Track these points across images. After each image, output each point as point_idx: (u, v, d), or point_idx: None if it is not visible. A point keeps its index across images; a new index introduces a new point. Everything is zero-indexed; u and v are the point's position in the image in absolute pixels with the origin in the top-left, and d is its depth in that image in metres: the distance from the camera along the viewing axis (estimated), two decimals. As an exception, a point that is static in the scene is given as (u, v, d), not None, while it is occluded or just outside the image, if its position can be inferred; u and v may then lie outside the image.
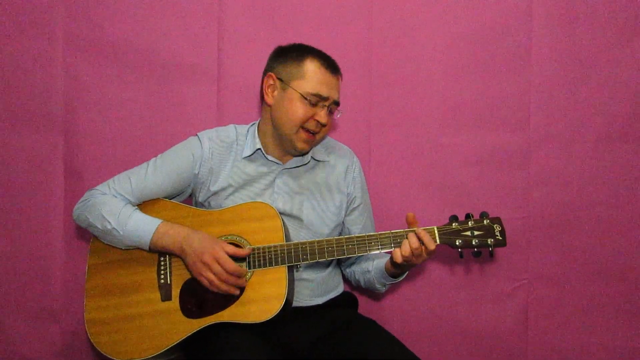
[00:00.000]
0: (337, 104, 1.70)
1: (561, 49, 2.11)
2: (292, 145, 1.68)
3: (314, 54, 1.68)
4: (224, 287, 1.54)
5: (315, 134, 1.67)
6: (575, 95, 2.12)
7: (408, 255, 1.55)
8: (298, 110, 1.64)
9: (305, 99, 1.63)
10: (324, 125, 1.66)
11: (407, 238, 1.56)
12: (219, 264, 1.52)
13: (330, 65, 1.68)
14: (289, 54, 1.69)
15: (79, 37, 2.09)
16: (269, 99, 1.70)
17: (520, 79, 2.12)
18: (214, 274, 1.53)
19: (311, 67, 1.65)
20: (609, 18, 2.09)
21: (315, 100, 1.63)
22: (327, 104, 1.65)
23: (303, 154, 1.73)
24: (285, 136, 1.68)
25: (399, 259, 1.56)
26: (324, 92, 1.64)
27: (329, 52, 2.07)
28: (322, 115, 1.64)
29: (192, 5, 2.10)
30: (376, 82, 2.14)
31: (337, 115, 1.74)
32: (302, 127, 1.65)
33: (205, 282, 1.55)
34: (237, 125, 1.81)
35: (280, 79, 1.68)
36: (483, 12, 2.11)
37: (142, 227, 1.58)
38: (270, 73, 1.70)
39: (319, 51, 1.70)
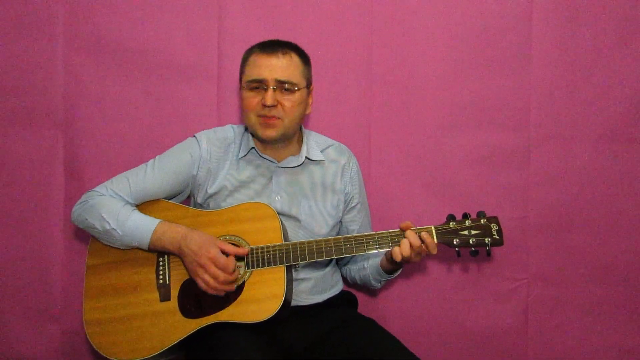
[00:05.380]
0: (284, 82, 1.64)
1: (561, 49, 2.11)
2: (258, 136, 1.68)
3: (256, 46, 1.69)
4: (220, 288, 1.54)
5: (270, 117, 1.64)
6: (575, 95, 2.12)
7: (408, 255, 1.55)
8: (246, 100, 1.66)
9: (247, 88, 1.65)
10: (271, 106, 1.62)
11: (406, 237, 1.56)
12: (214, 264, 1.52)
13: (265, 46, 1.67)
14: (243, 56, 1.72)
15: (79, 37, 2.10)
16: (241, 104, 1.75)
17: (520, 79, 2.12)
18: (210, 275, 1.52)
19: (249, 59, 1.68)
20: (609, 18, 2.09)
21: (255, 85, 1.64)
22: (267, 85, 1.63)
23: (274, 141, 1.69)
24: (252, 130, 1.69)
25: (398, 257, 1.56)
26: (258, 74, 1.63)
27: (328, 52, 2.10)
28: (266, 97, 1.62)
29: (192, 5, 2.11)
30: (376, 82, 2.14)
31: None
32: (259, 115, 1.65)
33: (201, 284, 1.54)
34: (234, 126, 1.81)
35: (240, 84, 1.72)
36: (483, 12, 2.11)
37: (141, 227, 1.58)
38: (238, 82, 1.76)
39: (263, 41, 1.70)
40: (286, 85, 1.64)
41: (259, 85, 1.64)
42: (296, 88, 1.66)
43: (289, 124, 1.67)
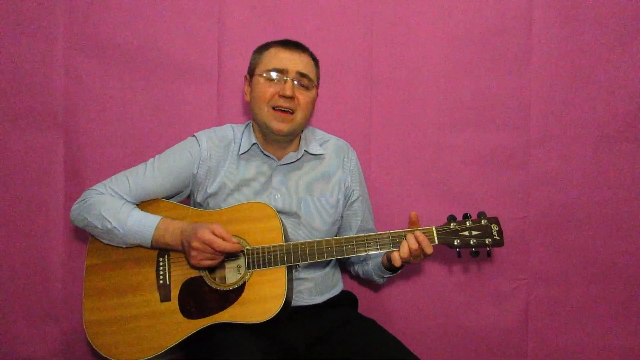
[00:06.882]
0: (305, 76, 1.68)
1: (561, 49, 2.11)
2: (269, 128, 1.68)
3: (274, 42, 1.72)
4: (202, 258, 1.52)
5: (286, 111, 1.66)
6: (575, 95, 2.12)
7: (407, 257, 1.57)
8: (261, 89, 1.67)
9: (265, 76, 1.66)
10: (290, 98, 1.64)
11: (405, 239, 1.57)
12: (201, 241, 1.51)
13: (287, 43, 1.70)
14: (255, 51, 1.75)
15: (79, 37, 2.10)
16: (246, 97, 1.76)
17: (520, 79, 2.12)
18: (194, 248, 1.52)
19: (268, 52, 1.70)
20: (609, 18, 2.09)
21: (275, 75, 1.65)
22: (289, 76, 1.65)
23: (283, 135, 1.70)
24: (262, 122, 1.69)
25: (397, 262, 1.58)
26: (280, 64, 1.65)
27: (329, 53, 2.10)
28: (286, 87, 1.64)
29: (192, 5, 2.11)
30: (376, 82, 2.14)
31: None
32: (273, 108, 1.66)
33: (190, 260, 1.54)
34: (233, 125, 1.82)
35: (249, 75, 1.74)
36: (483, 12, 2.11)
37: (143, 224, 1.59)
38: (245, 75, 1.77)
39: (280, 39, 1.73)
40: (305, 79, 1.67)
41: (279, 74, 1.65)
42: (313, 85, 1.70)
43: (301, 120, 1.69)
